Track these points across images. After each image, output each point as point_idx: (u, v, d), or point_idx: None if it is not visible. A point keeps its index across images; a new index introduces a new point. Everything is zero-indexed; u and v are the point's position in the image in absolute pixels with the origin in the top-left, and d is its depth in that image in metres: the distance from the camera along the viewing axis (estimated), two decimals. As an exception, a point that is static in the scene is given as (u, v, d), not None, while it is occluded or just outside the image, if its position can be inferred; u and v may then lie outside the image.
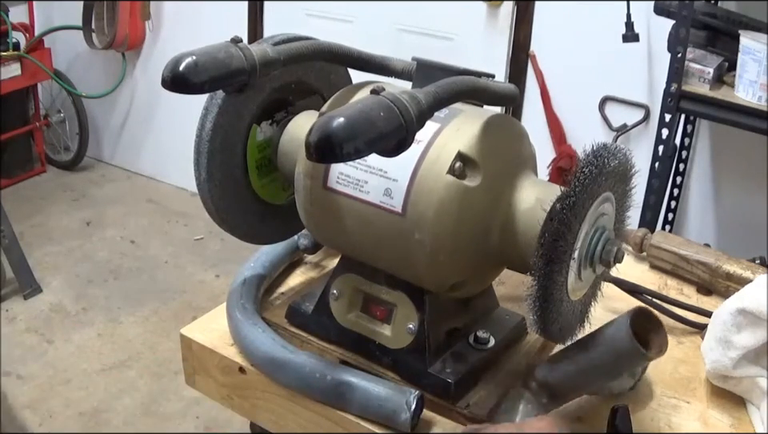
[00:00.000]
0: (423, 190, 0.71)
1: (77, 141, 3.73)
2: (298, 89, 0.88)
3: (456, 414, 0.77)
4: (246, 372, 0.85)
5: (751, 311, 0.80)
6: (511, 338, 0.86)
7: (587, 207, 0.66)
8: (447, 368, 0.79)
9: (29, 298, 2.75)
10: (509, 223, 0.73)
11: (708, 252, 1.05)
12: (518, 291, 0.91)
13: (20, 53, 3.36)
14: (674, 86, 1.97)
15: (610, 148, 0.67)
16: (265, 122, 0.86)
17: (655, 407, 0.83)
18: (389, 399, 0.74)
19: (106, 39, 3.42)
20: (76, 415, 2.24)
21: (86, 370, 2.42)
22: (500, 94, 0.76)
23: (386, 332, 0.81)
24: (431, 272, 0.74)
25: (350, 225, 0.77)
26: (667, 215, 2.50)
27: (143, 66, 3.58)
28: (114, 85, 3.60)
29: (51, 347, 2.53)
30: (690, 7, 1.89)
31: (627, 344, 0.68)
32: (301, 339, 0.87)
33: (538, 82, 2.59)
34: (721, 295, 1.02)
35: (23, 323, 2.64)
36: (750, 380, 0.82)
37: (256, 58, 0.71)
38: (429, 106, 0.63)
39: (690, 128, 2.42)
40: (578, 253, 0.67)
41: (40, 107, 3.70)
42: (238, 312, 0.86)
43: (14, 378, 2.37)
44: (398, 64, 0.84)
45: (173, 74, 0.66)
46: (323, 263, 1.03)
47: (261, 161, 0.87)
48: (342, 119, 0.57)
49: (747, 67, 1.90)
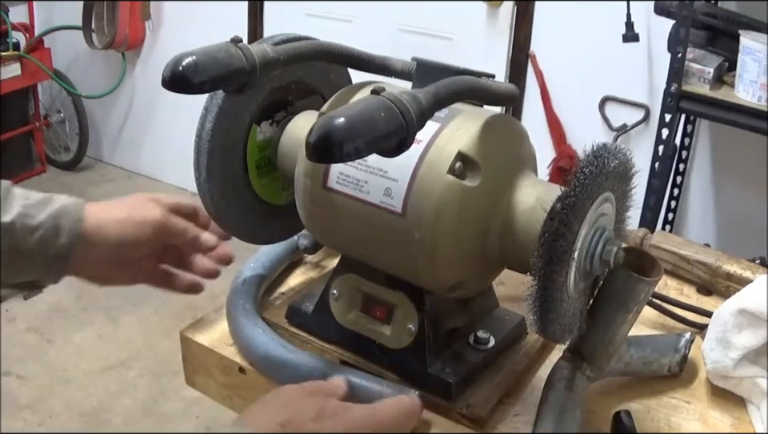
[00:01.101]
0: (423, 190, 0.71)
1: (77, 141, 3.74)
2: (298, 89, 0.88)
3: (456, 414, 0.77)
4: (245, 372, 0.85)
5: (751, 311, 0.80)
6: (511, 338, 0.86)
7: (587, 207, 0.66)
8: (447, 368, 0.79)
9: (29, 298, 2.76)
10: (509, 223, 0.73)
11: (708, 252, 1.05)
12: (518, 291, 0.91)
13: (20, 53, 3.36)
14: (674, 86, 1.97)
15: (610, 148, 0.67)
16: (265, 122, 0.86)
17: (655, 407, 0.83)
18: (387, 397, 0.74)
19: (106, 39, 3.42)
20: (76, 415, 2.24)
21: (86, 370, 2.42)
22: (500, 94, 0.76)
23: (386, 332, 0.81)
24: (431, 272, 0.74)
25: (350, 225, 0.77)
26: (667, 215, 2.50)
27: (143, 66, 3.59)
28: (113, 85, 3.60)
29: (51, 347, 2.54)
30: (690, 7, 1.90)
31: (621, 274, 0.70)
32: (301, 339, 0.87)
33: (538, 82, 2.60)
34: (721, 295, 1.02)
35: (23, 323, 2.64)
36: (750, 380, 0.82)
37: (256, 58, 0.71)
38: (429, 106, 0.63)
39: (690, 128, 2.42)
40: (577, 253, 0.67)
41: (40, 107, 3.71)
42: (238, 312, 0.86)
43: (14, 378, 2.37)
44: (397, 64, 0.83)
45: (173, 74, 0.66)
46: (323, 263, 1.03)
47: (261, 161, 0.87)
48: (343, 119, 0.56)
49: (747, 67, 1.90)
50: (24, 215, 0.77)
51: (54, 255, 0.78)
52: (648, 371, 0.86)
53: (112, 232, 0.81)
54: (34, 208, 0.78)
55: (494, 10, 2.63)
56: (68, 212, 0.79)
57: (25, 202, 0.78)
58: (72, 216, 0.79)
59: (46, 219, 0.77)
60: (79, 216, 0.79)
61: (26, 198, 0.79)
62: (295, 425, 0.62)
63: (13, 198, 0.78)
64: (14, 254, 0.76)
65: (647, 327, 0.96)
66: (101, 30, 3.49)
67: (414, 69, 0.81)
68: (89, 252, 0.80)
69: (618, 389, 0.85)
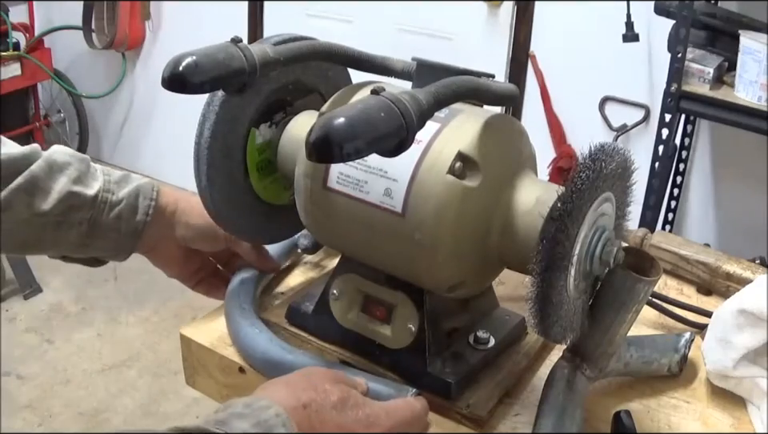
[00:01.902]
0: (423, 190, 0.71)
1: (77, 141, 3.74)
2: (296, 88, 0.88)
3: (456, 414, 0.77)
4: (245, 372, 0.85)
5: (751, 312, 0.80)
6: (511, 338, 0.86)
7: (585, 210, 0.66)
8: (447, 368, 0.79)
9: (29, 298, 2.76)
10: (509, 223, 0.73)
11: (708, 252, 1.05)
12: (518, 291, 0.91)
13: (20, 53, 3.36)
14: (674, 86, 1.97)
15: (608, 149, 0.67)
16: (263, 125, 0.86)
17: (655, 407, 0.83)
18: (387, 397, 0.74)
19: (106, 39, 3.42)
20: (76, 415, 2.24)
21: (86, 370, 2.43)
22: (500, 94, 0.76)
23: (386, 332, 0.81)
24: (431, 272, 0.74)
25: (350, 225, 0.77)
26: (667, 215, 2.50)
27: (143, 66, 3.59)
28: (113, 85, 3.60)
29: (51, 347, 2.54)
30: (690, 7, 1.90)
31: (620, 274, 0.70)
32: (301, 339, 0.87)
33: (538, 82, 2.60)
34: (721, 295, 1.02)
35: (23, 323, 2.64)
36: (750, 380, 0.82)
37: (256, 58, 0.71)
38: (429, 107, 0.63)
39: (690, 128, 2.42)
40: (577, 255, 0.67)
41: (40, 107, 3.71)
42: (236, 313, 0.86)
43: (14, 378, 2.37)
44: (397, 64, 0.83)
45: (172, 74, 0.66)
46: (323, 263, 1.03)
47: (261, 163, 0.87)
48: (343, 119, 0.56)
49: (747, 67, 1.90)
50: (107, 191, 0.81)
51: (128, 230, 0.82)
52: (648, 371, 0.86)
53: (191, 220, 0.86)
54: (114, 185, 0.82)
55: (494, 10, 2.63)
56: (144, 191, 0.83)
57: (107, 178, 0.82)
58: (147, 195, 0.83)
59: (125, 196, 0.82)
60: (153, 196, 0.83)
61: (107, 173, 0.83)
62: (317, 408, 0.63)
63: (95, 174, 0.82)
64: (93, 227, 0.80)
65: (647, 327, 0.96)
66: (101, 30, 3.49)
67: (413, 69, 0.81)
68: (163, 232, 0.85)
69: (618, 389, 0.85)
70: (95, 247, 0.83)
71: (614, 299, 0.72)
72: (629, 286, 0.71)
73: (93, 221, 0.80)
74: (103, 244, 0.83)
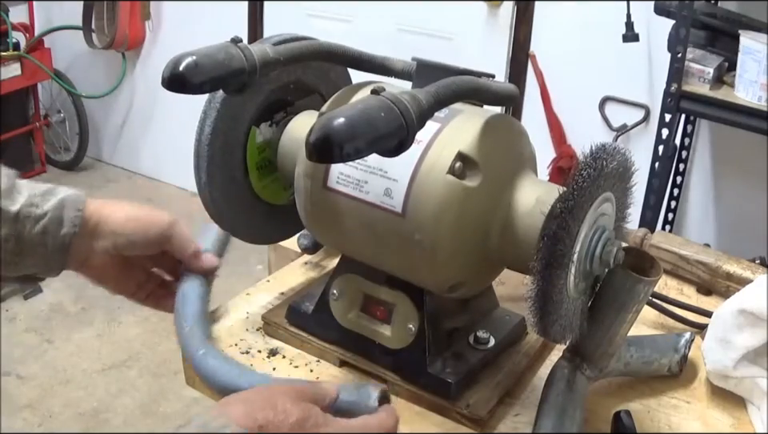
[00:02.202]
0: (423, 190, 0.71)
1: (77, 141, 3.73)
2: (297, 88, 0.88)
3: (456, 414, 0.77)
4: (245, 372, 0.84)
5: (751, 311, 0.80)
6: (511, 338, 0.86)
7: (586, 210, 0.66)
8: (447, 368, 0.79)
9: (29, 298, 2.76)
10: (509, 223, 0.73)
11: (708, 252, 1.05)
12: (518, 291, 0.91)
13: (20, 53, 3.36)
14: (673, 86, 1.97)
15: (609, 149, 0.67)
16: (264, 124, 0.86)
17: (655, 407, 0.83)
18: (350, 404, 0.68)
19: (106, 39, 3.42)
20: (76, 415, 2.24)
21: (86, 370, 2.42)
22: (500, 94, 0.76)
23: (386, 332, 0.81)
24: (431, 272, 0.74)
25: (350, 225, 0.77)
26: (667, 215, 2.50)
27: (143, 66, 3.58)
28: (113, 85, 3.60)
29: (51, 347, 2.53)
30: (690, 7, 1.90)
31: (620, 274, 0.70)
32: (301, 339, 0.87)
33: (538, 82, 2.59)
34: (721, 295, 1.02)
35: (23, 323, 2.64)
36: (750, 380, 0.82)
37: (256, 58, 0.71)
38: (429, 106, 0.63)
39: (690, 128, 2.42)
40: (577, 255, 0.67)
41: (40, 107, 3.70)
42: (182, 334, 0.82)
43: (14, 378, 2.37)
44: (397, 64, 0.83)
45: (172, 74, 0.66)
46: (323, 263, 1.03)
47: (261, 162, 0.87)
48: (343, 119, 0.56)
49: (747, 67, 1.90)
50: (30, 205, 0.77)
51: (56, 245, 0.78)
52: (648, 371, 0.86)
53: (116, 226, 0.81)
54: (39, 198, 0.78)
55: (494, 10, 2.63)
56: (70, 203, 0.79)
57: (32, 193, 0.78)
58: (73, 207, 0.79)
59: (49, 209, 0.77)
60: (79, 207, 0.79)
61: (31, 188, 0.78)
62: (274, 429, 0.60)
63: (20, 188, 0.78)
64: (19, 243, 0.76)
65: (647, 327, 0.96)
66: (101, 30, 3.48)
67: (413, 69, 0.81)
68: (90, 244, 0.80)
69: (618, 389, 0.85)
70: (25, 264, 0.78)
71: (614, 299, 0.72)
72: (629, 286, 0.71)
73: (18, 237, 0.76)
74: (32, 261, 0.79)
